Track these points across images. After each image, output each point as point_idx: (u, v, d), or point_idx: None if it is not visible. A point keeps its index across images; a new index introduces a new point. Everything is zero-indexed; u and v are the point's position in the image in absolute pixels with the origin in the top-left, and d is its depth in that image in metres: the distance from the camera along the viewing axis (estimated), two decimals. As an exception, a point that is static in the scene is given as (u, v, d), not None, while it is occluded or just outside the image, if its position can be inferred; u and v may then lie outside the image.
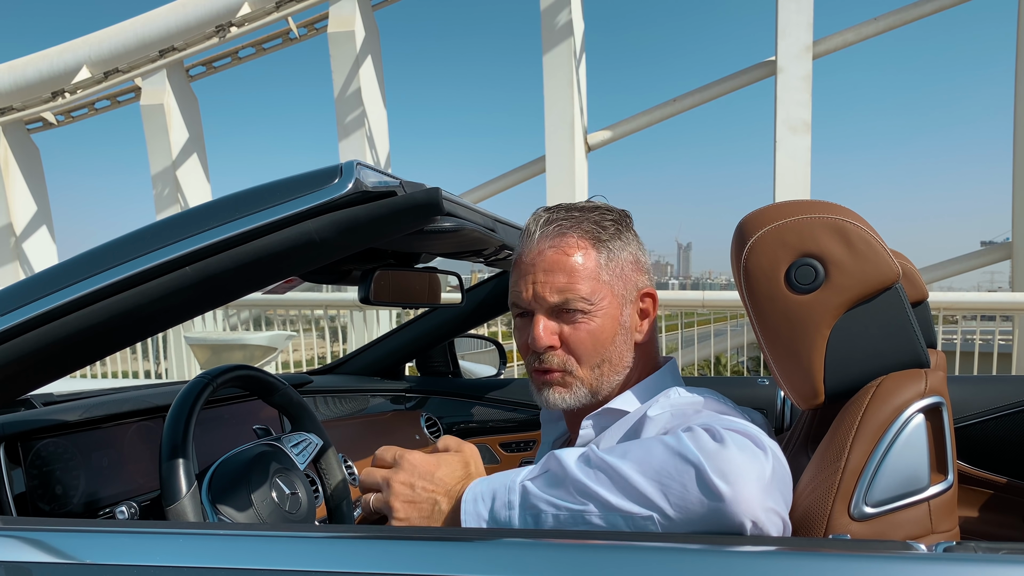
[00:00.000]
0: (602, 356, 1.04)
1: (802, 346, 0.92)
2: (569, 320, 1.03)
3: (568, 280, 1.02)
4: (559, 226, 1.04)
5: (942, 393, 0.88)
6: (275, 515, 1.21)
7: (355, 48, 10.48)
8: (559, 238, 1.04)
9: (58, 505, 1.21)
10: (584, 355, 1.03)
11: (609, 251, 1.05)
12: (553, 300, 1.02)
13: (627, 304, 1.07)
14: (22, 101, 12.19)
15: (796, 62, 9.05)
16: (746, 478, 0.78)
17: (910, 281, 1.30)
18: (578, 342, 1.03)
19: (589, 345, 1.03)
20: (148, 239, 0.94)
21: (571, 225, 1.04)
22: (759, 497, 0.78)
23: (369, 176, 0.93)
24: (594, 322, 1.03)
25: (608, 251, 1.05)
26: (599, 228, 1.05)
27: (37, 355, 0.94)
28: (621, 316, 1.05)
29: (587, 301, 1.02)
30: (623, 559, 0.72)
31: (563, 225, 1.04)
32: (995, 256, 10.11)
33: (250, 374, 1.35)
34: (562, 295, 1.02)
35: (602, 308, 1.03)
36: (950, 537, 0.86)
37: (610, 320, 1.04)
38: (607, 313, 1.04)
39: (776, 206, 0.96)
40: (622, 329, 1.06)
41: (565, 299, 1.02)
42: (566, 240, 1.04)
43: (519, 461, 2.16)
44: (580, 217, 1.05)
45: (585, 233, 1.04)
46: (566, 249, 1.03)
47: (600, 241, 1.05)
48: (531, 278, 1.04)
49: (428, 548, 0.77)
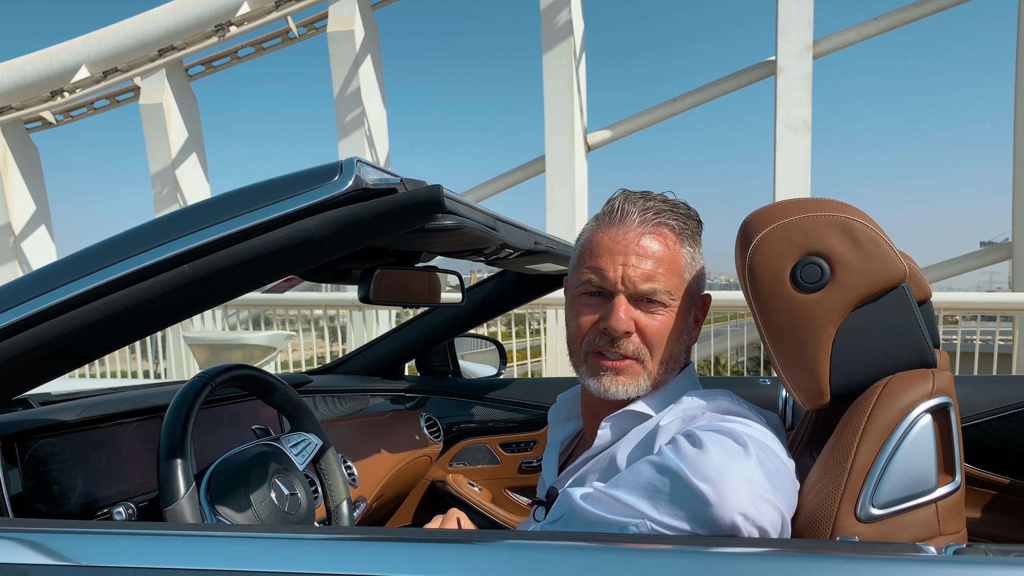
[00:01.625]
0: (670, 352, 1.03)
1: (808, 346, 0.91)
2: (647, 310, 1.02)
3: (661, 270, 1.01)
4: (659, 214, 1.03)
5: (949, 393, 0.88)
6: (274, 516, 1.21)
7: (354, 47, 10.47)
8: (658, 227, 1.02)
9: (55, 506, 1.20)
10: (656, 347, 1.02)
11: (693, 250, 1.06)
12: (643, 287, 1.00)
13: (694, 306, 1.07)
14: (21, 100, 12.18)
15: (796, 62, 9.04)
16: (727, 476, 0.81)
17: (914, 281, 1.29)
18: (654, 333, 1.02)
19: (663, 338, 1.02)
20: (146, 236, 0.93)
21: (669, 216, 1.03)
22: (744, 492, 0.80)
23: (369, 173, 0.92)
24: (669, 316, 1.02)
25: (692, 250, 1.06)
26: (683, 224, 1.05)
27: (34, 354, 0.93)
28: (689, 316, 1.06)
29: (670, 295, 1.02)
30: (629, 562, 0.71)
31: (663, 214, 1.03)
32: (995, 256, 10.11)
33: (249, 374, 1.34)
34: (651, 284, 1.00)
35: (678, 304, 1.03)
36: (958, 539, 0.85)
37: (681, 318, 1.04)
38: (681, 310, 1.04)
39: (781, 204, 0.95)
40: (686, 329, 1.06)
41: (654, 288, 1.01)
42: (663, 230, 1.03)
43: (519, 461, 2.16)
44: (666, 211, 1.04)
45: (679, 227, 1.04)
46: (664, 239, 1.03)
47: (688, 238, 1.05)
48: (621, 259, 1.01)
49: (427, 549, 0.76)
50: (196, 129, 12.44)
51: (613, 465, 1.00)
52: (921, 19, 9.79)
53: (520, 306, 2.38)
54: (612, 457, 1.01)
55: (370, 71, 10.89)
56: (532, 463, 2.15)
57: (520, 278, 2.08)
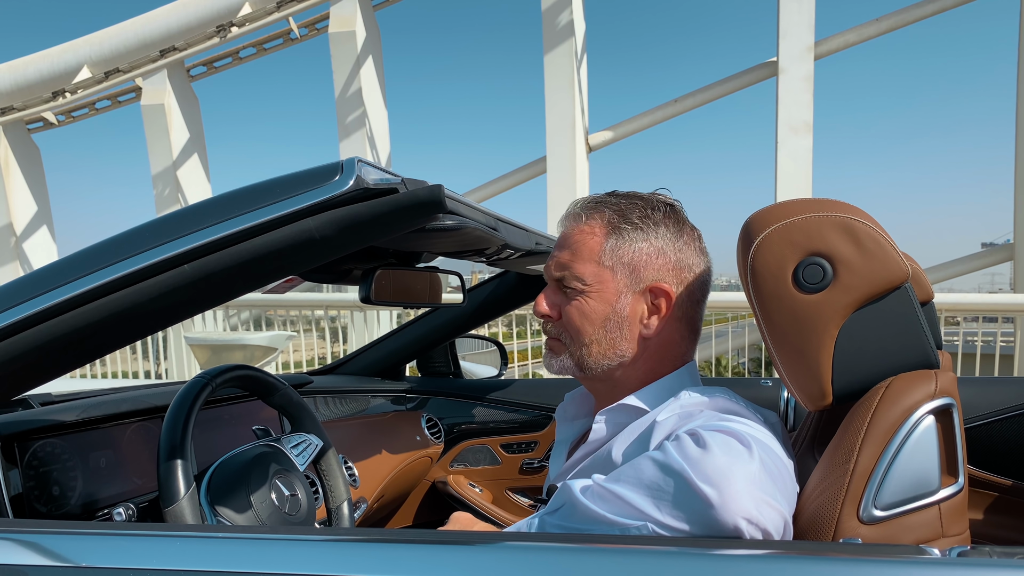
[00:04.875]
0: (590, 336, 1.06)
1: (810, 346, 0.91)
2: (567, 296, 1.08)
3: (569, 258, 1.07)
4: (582, 208, 1.10)
5: (952, 394, 0.87)
6: (274, 517, 1.20)
7: (356, 48, 10.48)
8: (575, 219, 1.09)
9: (55, 507, 1.20)
10: (572, 331, 1.07)
11: (621, 238, 1.05)
12: (555, 274, 1.09)
13: (628, 293, 1.05)
14: (23, 101, 12.21)
15: (798, 63, 9.05)
16: (732, 479, 0.80)
17: (916, 282, 1.29)
18: (568, 318, 1.07)
19: (577, 322, 1.06)
20: (146, 236, 0.93)
21: (592, 209, 1.09)
22: (748, 495, 0.80)
23: (370, 173, 0.91)
24: (587, 303, 1.06)
25: (620, 237, 1.05)
26: (620, 215, 1.06)
27: (34, 354, 0.93)
28: (617, 303, 1.05)
29: (581, 280, 1.05)
30: (629, 562, 0.71)
31: (587, 208, 1.09)
32: (996, 258, 10.10)
33: (249, 374, 1.34)
34: (561, 271, 1.08)
35: (596, 290, 1.05)
36: (961, 541, 0.85)
37: (603, 304, 1.05)
38: (601, 297, 1.05)
39: (783, 204, 0.94)
40: (615, 316, 1.05)
41: (562, 275, 1.07)
42: (579, 222, 1.09)
43: (520, 462, 2.15)
44: (609, 203, 1.09)
45: (603, 218, 1.07)
46: (576, 230, 1.08)
47: (615, 227, 1.06)
48: (554, 252, 1.10)
49: (427, 550, 0.76)
50: (197, 129, 12.45)
51: (609, 459, 1.00)
52: (923, 20, 9.80)
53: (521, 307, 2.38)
54: (609, 451, 1.01)
55: (371, 72, 10.90)
56: (533, 464, 2.15)
57: (521, 279, 2.08)
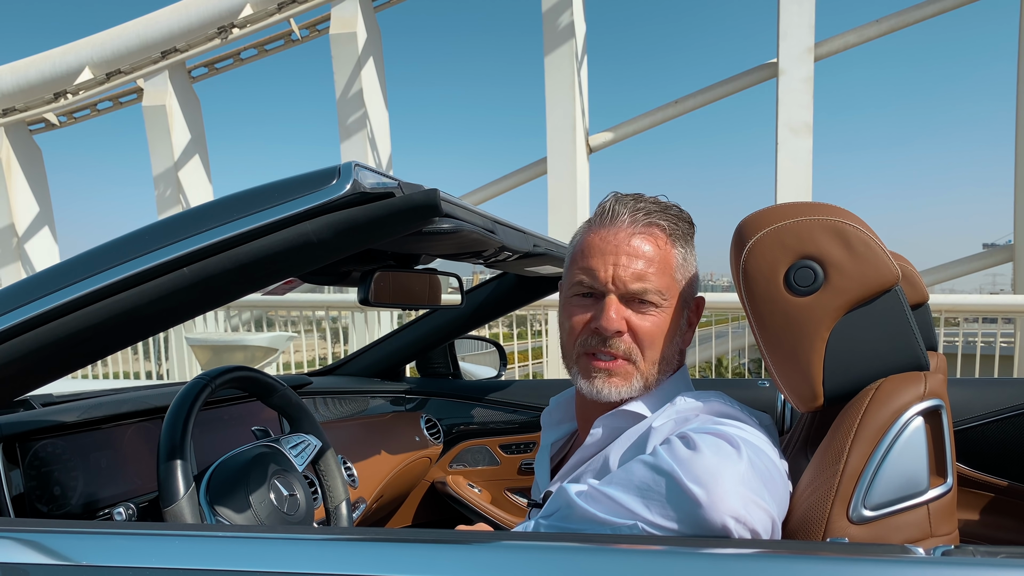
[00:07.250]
0: (662, 353, 1.04)
1: (801, 348, 0.92)
2: (639, 310, 1.02)
3: (652, 270, 1.02)
4: (649, 215, 1.04)
5: (941, 396, 0.88)
6: (273, 517, 1.21)
7: (357, 49, 10.49)
8: (649, 227, 1.03)
9: (56, 506, 1.21)
10: (648, 347, 1.03)
11: (684, 251, 1.06)
12: (633, 287, 1.01)
13: (686, 308, 1.08)
14: (24, 102, 12.22)
15: (798, 64, 9.04)
16: (720, 478, 0.82)
17: (910, 283, 1.29)
18: (645, 333, 1.02)
19: (655, 338, 1.02)
20: (146, 240, 0.94)
21: (659, 217, 1.04)
22: (736, 495, 0.81)
23: (367, 177, 0.92)
24: (661, 317, 1.03)
25: (684, 251, 1.06)
26: (677, 227, 1.06)
27: (36, 355, 0.94)
28: (681, 318, 1.06)
29: (661, 295, 1.02)
30: (625, 562, 0.72)
31: (653, 215, 1.04)
32: (997, 258, 10.09)
33: (249, 375, 1.35)
34: (642, 283, 1.01)
35: (670, 304, 1.04)
36: (949, 540, 0.86)
37: (674, 320, 1.04)
38: (674, 312, 1.04)
39: (775, 208, 0.95)
40: (678, 331, 1.06)
41: (644, 288, 1.01)
42: (654, 231, 1.04)
43: (519, 463, 2.16)
44: (663, 212, 1.05)
45: (669, 228, 1.05)
46: (655, 240, 1.03)
47: (679, 239, 1.06)
48: (612, 259, 1.02)
49: (426, 550, 0.77)
50: (199, 130, 12.46)
51: (606, 466, 1.00)
52: (923, 21, 9.79)
53: (521, 308, 2.39)
54: (605, 458, 1.02)
55: (372, 73, 10.91)
56: (532, 464, 2.15)
57: (520, 280, 2.08)
